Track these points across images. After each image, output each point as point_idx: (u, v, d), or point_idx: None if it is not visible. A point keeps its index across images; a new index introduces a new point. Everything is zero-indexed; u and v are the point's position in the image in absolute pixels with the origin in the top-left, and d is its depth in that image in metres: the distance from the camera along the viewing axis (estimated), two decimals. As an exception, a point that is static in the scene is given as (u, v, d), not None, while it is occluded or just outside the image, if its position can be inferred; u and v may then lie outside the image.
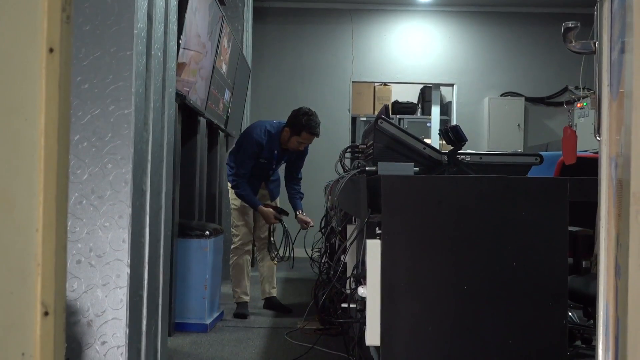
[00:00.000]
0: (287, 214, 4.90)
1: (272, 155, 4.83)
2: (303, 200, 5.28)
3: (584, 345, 3.64)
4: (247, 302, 4.83)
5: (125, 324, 2.60)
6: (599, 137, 0.96)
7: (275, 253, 4.97)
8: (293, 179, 5.21)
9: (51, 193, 0.53)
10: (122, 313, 2.60)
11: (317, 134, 4.90)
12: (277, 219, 4.83)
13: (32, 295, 0.51)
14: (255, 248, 5.17)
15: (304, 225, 4.95)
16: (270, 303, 5.01)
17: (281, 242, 5.07)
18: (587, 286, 2.94)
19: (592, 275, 3.19)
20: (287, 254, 4.86)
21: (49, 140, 0.54)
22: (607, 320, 0.79)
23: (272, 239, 5.02)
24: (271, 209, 4.81)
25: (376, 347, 2.38)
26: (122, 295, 2.60)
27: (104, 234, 2.60)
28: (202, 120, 5.33)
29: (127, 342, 2.60)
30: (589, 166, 2.98)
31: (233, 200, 4.92)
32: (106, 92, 2.64)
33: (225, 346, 3.73)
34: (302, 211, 5.08)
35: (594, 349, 3.32)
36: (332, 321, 3.61)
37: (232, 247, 4.93)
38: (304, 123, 4.83)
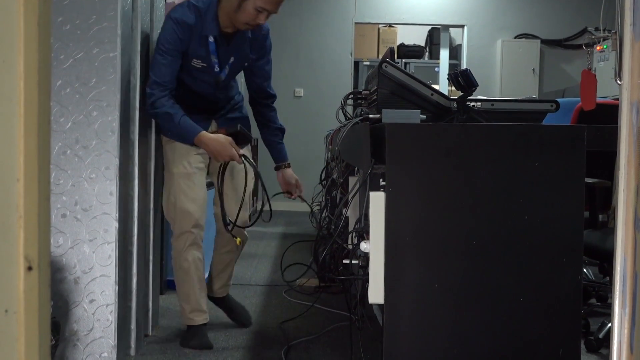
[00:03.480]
0: (250, 139, 3.18)
1: (209, 51, 3.00)
2: (300, 152, 4.30)
3: (599, 303, 3.69)
4: (205, 324, 3.16)
5: (114, 281, 2.63)
6: (620, 81, 0.95)
7: (229, 222, 3.18)
8: (262, 103, 3.36)
9: (32, 141, 0.52)
10: (111, 270, 2.62)
11: None
12: (238, 151, 3.03)
13: (15, 249, 0.52)
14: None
15: (289, 193, 3.46)
16: (223, 303, 3.45)
17: (256, 197, 3.62)
18: (603, 241, 2.96)
19: (609, 229, 3.21)
20: (256, 208, 2.92)
21: (29, 84, 0.53)
22: (625, 275, 0.80)
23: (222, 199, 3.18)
24: (222, 134, 3.02)
25: (379, 305, 2.40)
26: (110, 251, 2.62)
27: (90, 186, 2.61)
28: None
29: (116, 300, 2.63)
30: (608, 113, 2.98)
31: (166, 149, 3.13)
32: (89, 33, 2.62)
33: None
34: (287, 164, 3.43)
35: (609, 307, 3.35)
36: (333, 278, 3.65)
37: (171, 238, 3.16)
38: None
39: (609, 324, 3.04)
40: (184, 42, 2.94)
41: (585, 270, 3.88)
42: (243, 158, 3.05)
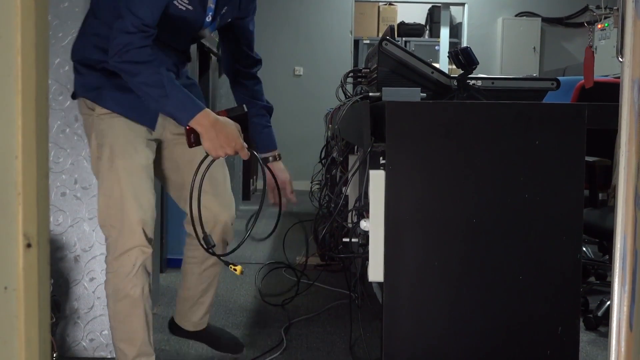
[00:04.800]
0: (245, 114, 2.26)
1: None
2: (300, 130, 3.30)
3: (598, 282, 3.70)
4: None
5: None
6: (622, 58, 0.95)
7: (211, 245, 2.25)
8: (246, 73, 2.60)
9: (30, 118, 0.52)
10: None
11: None
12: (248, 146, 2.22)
13: (14, 226, 0.52)
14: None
15: (274, 198, 2.65)
16: (204, 335, 2.69)
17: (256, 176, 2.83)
18: (603, 219, 2.96)
19: (608, 208, 3.22)
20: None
21: (27, 61, 0.53)
22: (624, 253, 0.80)
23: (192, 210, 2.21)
24: (226, 117, 2.16)
25: (379, 284, 2.41)
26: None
27: (90, 164, 2.61)
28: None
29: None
30: (609, 92, 2.97)
31: (102, 128, 2.20)
32: (88, 11, 2.60)
33: (220, 282, 3.76)
34: (278, 155, 2.64)
35: (608, 285, 3.40)
36: (333, 257, 3.66)
37: (106, 256, 2.24)
38: None
39: (608, 302, 3.06)
40: None
41: (584, 248, 3.89)
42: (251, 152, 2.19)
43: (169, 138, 2.35)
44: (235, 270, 2.29)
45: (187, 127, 2.07)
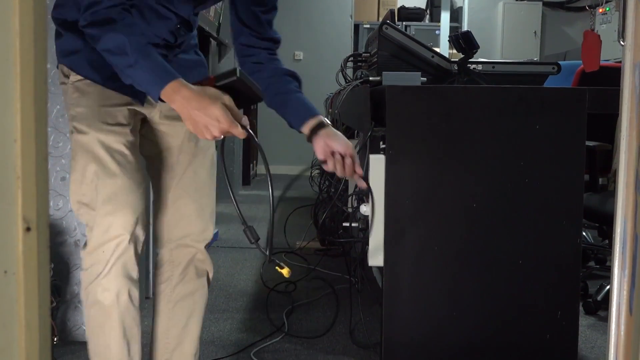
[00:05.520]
0: (259, 95, 1.69)
1: None
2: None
3: (597, 266, 3.71)
4: None
5: (114, 244, 2.63)
6: (623, 41, 0.94)
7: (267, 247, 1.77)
8: (262, 48, 1.99)
9: (29, 101, 0.52)
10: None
11: None
12: (240, 117, 1.62)
13: (13, 210, 0.52)
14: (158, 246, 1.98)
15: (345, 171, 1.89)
16: None
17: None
18: (603, 204, 2.96)
19: (608, 192, 3.22)
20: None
21: (25, 44, 0.53)
22: (625, 237, 0.80)
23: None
24: (210, 87, 1.59)
25: (379, 268, 2.42)
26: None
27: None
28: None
29: (117, 263, 2.64)
30: (610, 76, 2.96)
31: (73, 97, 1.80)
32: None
33: (220, 267, 3.79)
34: (321, 124, 1.89)
35: (608, 269, 3.41)
36: (333, 241, 3.66)
37: (82, 251, 1.76)
38: None
39: (608, 287, 3.06)
40: None
41: (584, 233, 3.90)
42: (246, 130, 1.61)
43: (157, 121, 1.87)
44: (282, 269, 1.82)
45: None
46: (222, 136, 1.61)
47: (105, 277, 1.68)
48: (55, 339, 2.48)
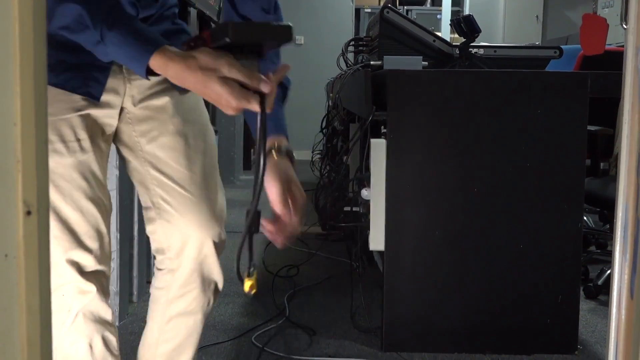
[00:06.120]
0: (286, 34, 1.19)
1: None
2: (301, 100, 2.82)
3: (598, 251, 3.71)
4: None
5: (115, 228, 2.63)
6: (626, 25, 0.94)
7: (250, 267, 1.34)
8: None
9: (28, 84, 0.52)
10: (112, 217, 2.63)
11: None
12: (257, 82, 1.14)
13: (13, 194, 0.51)
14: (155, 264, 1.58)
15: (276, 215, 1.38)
16: None
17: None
18: (604, 188, 2.96)
19: (610, 177, 3.21)
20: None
21: (24, 27, 0.52)
22: (626, 221, 0.80)
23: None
24: (205, 48, 1.14)
25: (380, 252, 2.42)
26: (111, 198, 2.62)
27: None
28: (193, 12, 5.22)
29: (118, 247, 2.64)
30: (612, 60, 2.95)
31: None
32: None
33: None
34: (287, 149, 1.44)
35: (608, 254, 3.41)
36: (334, 226, 3.66)
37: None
38: None
39: (608, 271, 3.07)
40: None
41: (585, 217, 3.90)
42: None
43: (131, 109, 1.43)
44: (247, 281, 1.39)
45: None
46: (239, 110, 1.16)
47: (72, 327, 1.37)
48: (57, 323, 2.48)
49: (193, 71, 1.14)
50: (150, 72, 1.17)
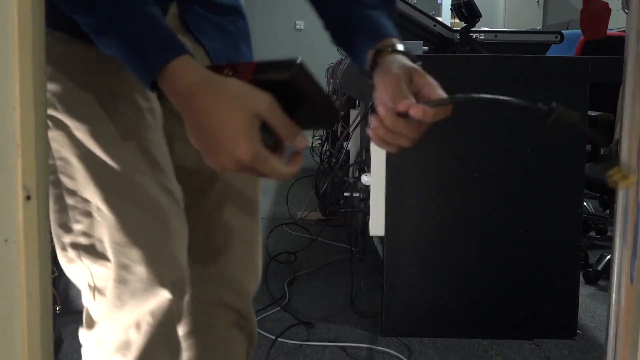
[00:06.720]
0: (334, 112, 0.95)
1: None
2: None
3: (598, 236, 3.72)
4: None
5: (116, 214, 2.63)
6: (627, 9, 0.93)
7: None
8: None
9: (27, 68, 0.52)
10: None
11: None
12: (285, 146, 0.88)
13: (13, 179, 0.51)
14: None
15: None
16: None
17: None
18: (604, 174, 2.96)
19: (610, 162, 3.21)
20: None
21: (23, 10, 0.52)
22: (626, 207, 0.80)
23: None
24: (243, 82, 0.82)
25: (380, 238, 2.42)
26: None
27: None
28: None
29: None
30: (613, 45, 2.94)
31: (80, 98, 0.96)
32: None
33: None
34: (396, 41, 1.02)
35: (608, 239, 3.41)
36: (334, 211, 3.67)
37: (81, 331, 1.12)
38: None
39: (608, 256, 3.07)
40: None
41: (585, 203, 3.90)
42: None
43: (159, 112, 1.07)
44: None
45: None
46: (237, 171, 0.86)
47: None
48: (57, 308, 2.49)
49: (217, 93, 0.82)
50: (154, 85, 0.85)
